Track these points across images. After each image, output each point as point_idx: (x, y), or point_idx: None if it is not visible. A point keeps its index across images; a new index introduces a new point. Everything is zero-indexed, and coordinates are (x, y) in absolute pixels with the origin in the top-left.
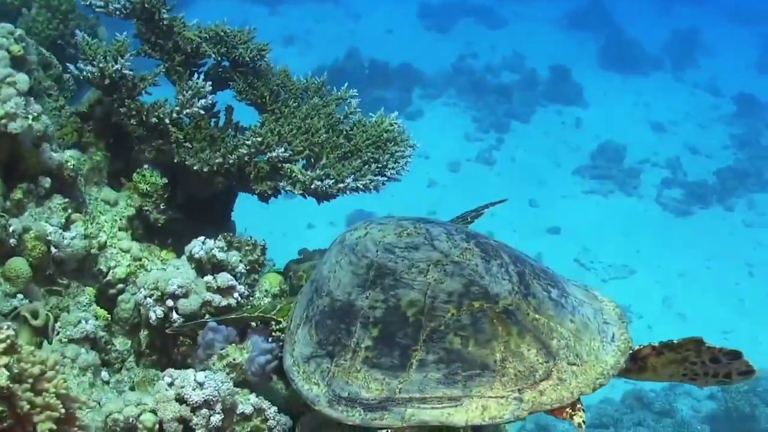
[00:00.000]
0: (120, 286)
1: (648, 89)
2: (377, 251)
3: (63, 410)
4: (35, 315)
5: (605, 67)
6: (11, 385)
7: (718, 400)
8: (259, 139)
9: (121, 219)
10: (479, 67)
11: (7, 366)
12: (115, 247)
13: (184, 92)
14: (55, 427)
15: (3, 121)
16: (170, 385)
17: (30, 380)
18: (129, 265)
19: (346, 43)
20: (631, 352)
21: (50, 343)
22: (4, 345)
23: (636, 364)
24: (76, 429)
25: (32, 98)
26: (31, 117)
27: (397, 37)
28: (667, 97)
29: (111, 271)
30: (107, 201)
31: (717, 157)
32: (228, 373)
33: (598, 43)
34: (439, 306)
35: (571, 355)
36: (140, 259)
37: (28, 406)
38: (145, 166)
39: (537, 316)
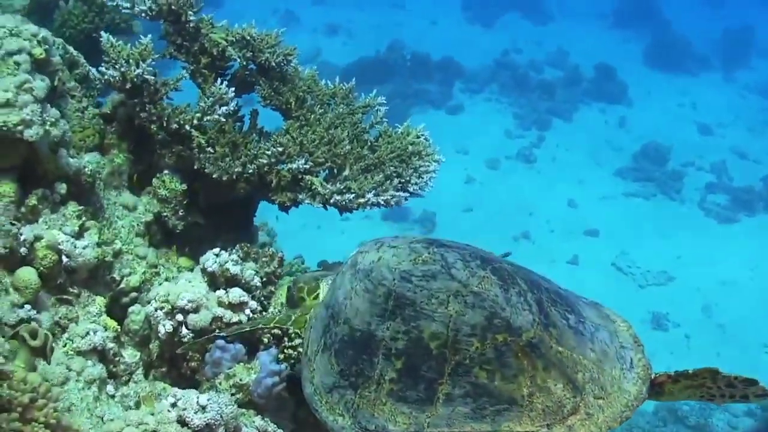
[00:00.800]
0: (133, 294)
1: (696, 90)
2: (394, 279)
3: None
4: (34, 335)
5: (652, 65)
6: None
7: (757, 417)
8: (280, 148)
9: (138, 225)
10: (522, 62)
11: None
12: (131, 254)
13: (206, 99)
14: None
15: (19, 127)
16: (173, 405)
17: (19, 409)
18: (144, 273)
19: (389, 34)
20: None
21: (49, 363)
22: None
23: (653, 389)
24: None
25: (49, 104)
26: (48, 123)
27: (441, 30)
28: (715, 99)
29: (125, 279)
30: (126, 206)
31: (765, 163)
32: (234, 394)
33: (645, 41)
34: (463, 339)
35: (596, 388)
36: (156, 267)
37: None
38: (165, 171)
39: (560, 348)
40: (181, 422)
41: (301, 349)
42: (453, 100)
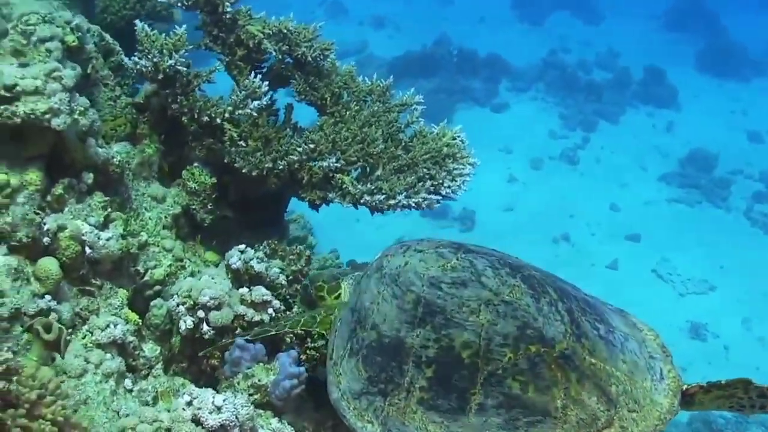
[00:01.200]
0: (157, 287)
1: (748, 96)
2: (423, 286)
3: None
4: (48, 328)
5: (704, 70)
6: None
7: None
8: (312, 146)
9: (166, 217)
10: (571, 62)
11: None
12: (157, 246)
13: (238, 92)
14: None
15: (47, 116)
16: (188, 404)
17: (26, 405)
18: (170, 266)
19: (437, 29)
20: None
21: (62, 357)
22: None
23: (683, 399)
24: None
25: (78, 93)
26: (77, 112)
27: (489, 26)
28: None
29: (149, 271)
30: (154, 197)
31: None
32: (251, 394)
33: (697, 45)
34: (495, 349)
35: (630, 401)
36: (182, 260)
37: None
38: (195, 164)
39: (593, 360)
40: (196, 421)
41: (323, 351)
42: (498, 98)
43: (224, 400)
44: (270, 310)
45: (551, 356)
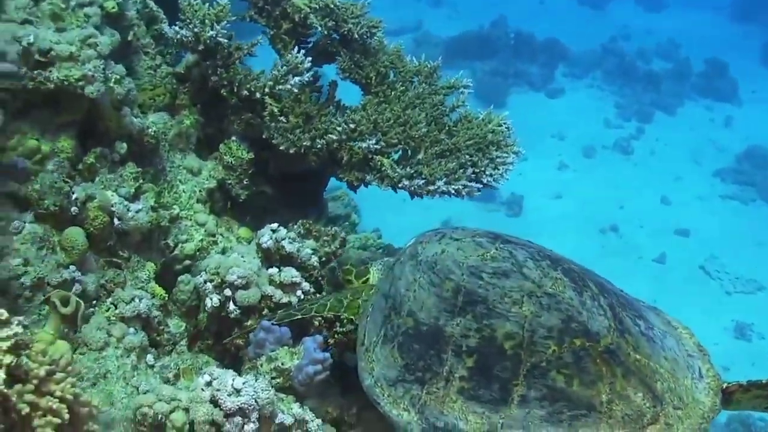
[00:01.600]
0: (187, 262)
1: None
2: (462, 274)
3: (67, 416)
4: (65, 302)
5: None
6: (5, 390)
7: None
8: (352, 125)
9: (200, 191)
10: (630, 50)
11: (8, 367)
12: (190, 219)
13: (279, 67)
14: None
15: (80, 83)
16: (207, 384)
17: (35, 381)
18: (201, 240)
19: (495, 10)
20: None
21: (79, 332)
22: (7, 344)
23: (722, 397)
24: None
25: (113, 61)
26: (112, 80)
27: (549, 10)
28: None
29: (180, 245)
30: (190, 170)
31: None
32: (274, 378)
33: (763, 38)
34: (539, 341)
35: (675, 398)
36: (214, 235)
37: (27, 410)
38: (233, 138)
39: (638, 356)
40: (214, 403)
41: (352, 336)
42: (554, 84)
43: (244, 383)
44: (299, 293)
45: (596, 351)
